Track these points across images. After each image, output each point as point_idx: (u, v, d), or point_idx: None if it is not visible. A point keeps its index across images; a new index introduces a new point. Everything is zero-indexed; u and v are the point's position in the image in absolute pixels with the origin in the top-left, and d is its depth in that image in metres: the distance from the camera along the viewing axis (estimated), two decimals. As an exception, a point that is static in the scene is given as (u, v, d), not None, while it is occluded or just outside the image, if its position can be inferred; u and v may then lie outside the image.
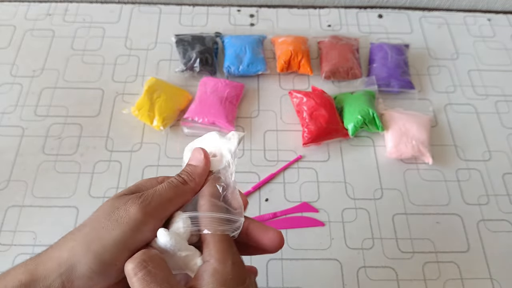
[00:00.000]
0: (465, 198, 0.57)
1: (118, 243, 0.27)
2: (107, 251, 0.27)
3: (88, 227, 0.29)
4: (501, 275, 0.51)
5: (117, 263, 0.28)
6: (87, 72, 0.67)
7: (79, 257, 0.27)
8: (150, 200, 0.29)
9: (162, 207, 0.30)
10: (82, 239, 0.28)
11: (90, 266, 0.27)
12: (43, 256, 0.28)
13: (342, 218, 0.55)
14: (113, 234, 0.28)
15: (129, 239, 0.28)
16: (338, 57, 0.66)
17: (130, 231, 0.28)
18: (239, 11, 0.75)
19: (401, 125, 0.60)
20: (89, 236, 0.28)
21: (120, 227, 0.28)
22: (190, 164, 0.33)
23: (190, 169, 0.33)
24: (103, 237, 0.28)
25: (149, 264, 0.27)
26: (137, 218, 0.28)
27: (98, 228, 0.28)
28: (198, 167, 0.33)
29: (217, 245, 0.29)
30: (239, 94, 0.63)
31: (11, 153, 0.58)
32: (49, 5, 0.74)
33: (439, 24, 0.75)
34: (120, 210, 0.29)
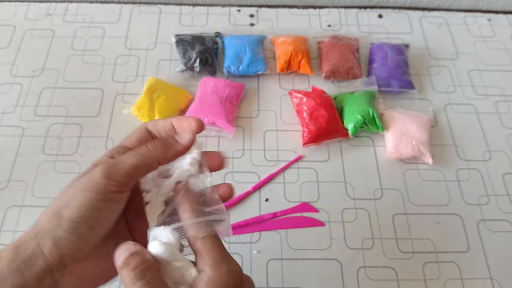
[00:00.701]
0: (465, 198, 0.57)
1: (85, 204, 0.28)
2: (75, 211, 0.28)
3: (58, 198, 0.30)
4: (501, 275, 0.51)
5: (87, 221, 0.28)
6: (87, 72, 0.67)
7: (52, 223, 0.28)
8: (112, 165, 0.30)
9: (126, 174, 0.30)
10: (54, 207, 0.29)
11: (63, 227, 0.28)
12: (23, 235, 0.29)
13: (342, 218, 0.55)
14: (79, 197, 0.29)
15: (95, 200, 0.29)
16: (338, 57, 0.66)
17: (95, 194, 0.29)
18: (239, 11, 0.75)
19: (401, 125, 0.60)
20: (58, 204, 0.29)
21: (86, 190, 0.29)
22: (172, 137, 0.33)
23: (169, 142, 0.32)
24: (71, 201, 0.29)
25: (147, 274, 0.27)
26: (100, 182, 0.29)
27: (67, 194, 0.29)
28: (179, 145, 0.33)
29: (210, 252, 0.29)
30: (239, 94, 0.63)
31: (11, 153, 0.58)
32: (49, 5, 0.74)
33: (439, 24, 0.75)
34: (82, 177, 0.30)
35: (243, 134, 0.61)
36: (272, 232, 0.54)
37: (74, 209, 0.28)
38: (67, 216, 0.28)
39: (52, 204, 0.30)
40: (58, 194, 0.30)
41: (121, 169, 0.30)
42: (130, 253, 0.28)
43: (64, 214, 0.28)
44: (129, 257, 0.28)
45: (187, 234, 0.30)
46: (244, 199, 0.56)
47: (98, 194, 0.29)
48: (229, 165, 0.58)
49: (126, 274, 0.27)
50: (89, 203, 0.29)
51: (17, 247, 0.28)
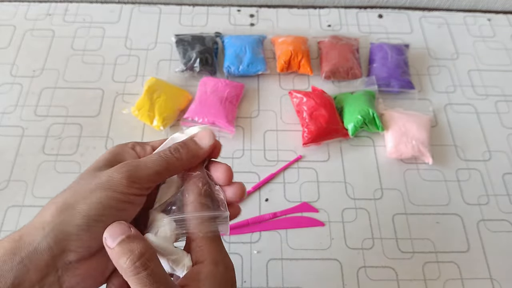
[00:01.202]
0: (465, 198, 0.57)
1: (103, 201, 0.27)
2: (93, 208, 0.27)
3: (69, 192, 0.28)
4: (501, 275, 0.51)
5: (103, 219, 0.27)
6: (87, 72, 0.67)
7: (64, 216, 0.27)
8: (136, 168, 0.29)
9: (148, 179, 0.29)
10: (65, 200, 0.27)
11: (75, 223, 0.26)
12: (26, 226, 0.27)
13: (342, 218, 0.55)
14: (97, 194, 0.27)
15: (114, 199, 0.28)
16: (338, 57, 0.66)
17: (114, 192, 0.28)
18: (239, 11, 0.75)
19: (401, 125, 0.60)
20: (71, 197, 0.28)
21: (104, 189, 0.28)
22: (194, 142, 0.32)
23: (192, 148, 0.32)
24: (87, 197, 0.27)
25: (151, 263, 0.26)
26: (121, 183, 0.28)
27: (80, 191, 0.28)
28: (201, 150, 0.32)
29: (210, 246, 0.29)
30: (239, 94, 0.63)
31: (11, 153, 0.58)
32: (49, 5, 0.74)
33: (439, 24, 0.75)
34: (103, 175, 0.28)
35: (243, 134, 0.61)
36: (272, 232, 0.54)
37: (92, 206, 0.27)
38: (82, 212, 0.27)
39: (60, 196, 0.28)
40: (69, 186, 0.29)
41: (145, 173, 0.29)
42: (127, 236, 0.26)
43: (78, 209, 0.27)
44: (128, 242, 0.26)
45: (189, 228, 0.30)
46: (244, 199, 0.56)
47: (120, 195, 0.28)
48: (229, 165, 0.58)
49: (128, 263, 0.25)
50: (108, 201, 0.27)
51: (21, 238, 0.26)
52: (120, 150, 0.32)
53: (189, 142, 0.32)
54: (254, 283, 0.50)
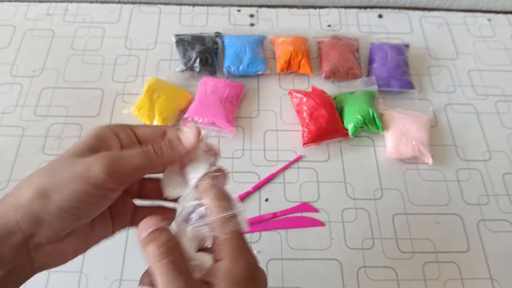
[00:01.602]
0: (465, 198, 0.57)
1: (77, 195, 0.27)
2: (65, 199, 0.27)
3: (45, 177, 0.28)
4: (501, 275, 0.51)
5: (75, 211, 0.28)
6: (87, 72, 0.67)
7: (38, 203, 0.27)
8: (117, 162, 0.29)
9: (128, 172, 0.29)
10: (40, 185, 0.27)
11: (49, 211, 0.27)
12: (3, 201, 0.28)
13: (342, 218, 0.55)
14: (72, 186, 0.27)
15: (89, 193, 0.28)
16: (338, 57, 0.66)
17: (91, 187, 0.27)
18: (239, 11, 0.75)
19: (401, 125, 0.60)
20: (47, 184, 0.27)
21: (81, 181, 0.27)
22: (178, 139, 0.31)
23: (174, 145, 0.31)
24: (62, 187, 0.27)
25: (174, 252, 0.27)
26: (99, 177, 0.28)
27: (57, 178, 0.28)
28: (183, 147, 0.31)
29: (229, 243, 0.29)
30: (239, 94, 0.63)
31: (11, 153, 0.58)
32: (49, 5, 0.74)
33: (439, 24, 0.75)
34: (81, 164, 0.28)
35: (243, 134, 0.61)
36: (272, 232, 0.54)
37: (64, 197, 0.27)
38: (56, 202, 0.27)
39: (37, 177, 0.28)
40: (46, 167, 0.29)
41: (125, 167, 0.29)
42: (156, 228, 0.27)
43: (52, 198, 0.27)
44: (156, 232, 0.27)
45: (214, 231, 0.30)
46: (244, 199, 0.56)
47: (94, 189, 0.28)
48: (229, 165, 0.58)
49: (153, 249, 0.26)
50: (82, 195, 0.27)
51: None
52: (104, 135, 0.31)
53: (174, 141, 0.31)
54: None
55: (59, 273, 0.50)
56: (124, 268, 0.50)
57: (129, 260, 0.51)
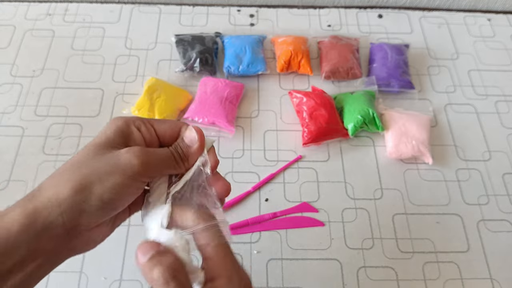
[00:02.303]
0: (465, 198, 0.57)
1: (117, 187, 0.29)
2: (107, 192, 0.29)
3: (84, 168, 0.30)
4: (501, 275, 0.51)
5: (114, 202, 0.30)
6: (87, 72, 0.67)
7: (81, 197, 0.28)
8: (151, 159, 0.31)
9: (158, 170, 0.32)
10: (82, 179, 0.29)
11: (91, 204, 0.29)
12: (39, 197, 0.29)
13: (342, 218, 0.55)
14: (113, 179, 0.29)
15: (126, 186, 0.30)
16: (338, 57, 0.66)
17: (129, 179, 0.30)
18: (239, 11, 0.75)
19: (401, 125, 0.60)
20: (88, 178, 0.29)
21: (120, 174, 0.29)
22: (185, 143, 0.34)
23: (186, 148, 0.33)
24: (103, 180, 0.29)
25: (179, 274, 0.27)
26: (137, 170, 0.30)
27: (97, 171, 0.29)
28: (193, 148, 0.34)
29: (222, 261, 0.30)
30: (239, 94, 0.63)
31: (11, 153, 0.58)
32: (49, 5, 0.74)
33: (439, 24, 0.75)
34: (120, 157, 0.30)
35: (243, 134, 0.61)
36: (272, 232, 0.54)
37: (106, 189, 0.29)
38: (97, 195, 0.29)
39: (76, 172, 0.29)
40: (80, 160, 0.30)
41: (156, 164, 0.31)
42: (157, 251, 0.28)
43: (94, 191, 0.29)
44: (158, 256, 0.28)
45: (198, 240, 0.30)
46: (244, 199, 0.56)
47: (132, 181, 0.30)
48: (229, 165, 0.58)
49: (158, 274, 0.27)
50: (122, 188, 0.29)
51: (36, 212, 0.28)
52: (127, 130, 0.33)
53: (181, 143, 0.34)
54: (254, 283, 0.50)
55: (59, 273, 0.49)
56: (124, 268, 0.50)
57: (129, 260, 0.51)
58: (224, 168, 0.58)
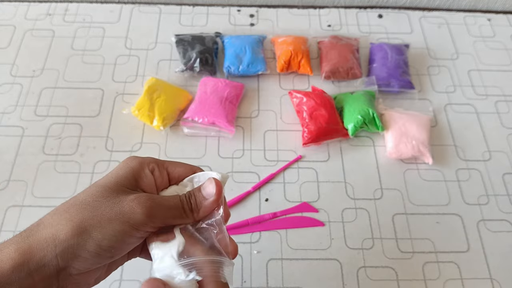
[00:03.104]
0: (465, 198, 0.57)
1: (118, 235, 0.29)
2: (106, 239, 0.28)
3: (87, 210, 0.29)
4: (501, 275, 0.51)
5: (112, 250, 0.29)
6: (87, 72, 0.67)
7: (79, 240, 0.28)
8: (157, 209, 0.30)
9: (164, 219, 0.31)
10: (82, 223, 0.28)
11: (88, 249, 0.28)
12: (36, 234, 0.28)
13: (342, 218, 0.55)
14: (114, 226, 0.28)
15: (128, 234, 0.29)
16: (338, 57, 0.66)
17: (131, 228, 0.29)
18: (239, 11, 0.75)
19: (401, 125, 0.60)
20: (89, 222, 0.28)
21: (122, 222, 0.29)
22: (202, 196, 0.33)
23: (200, 200, 0.32)
24: (104, 226, 0.28)
25: None
26: (141, 220, 0.29)
27: (99, 215, 0.29)
28: (208, 201, 0.32)
29: None
30: (239, 94, 0.63)
31: (11, 153, 0.58)
32: (49, 5, 0.74)
33: (439, 24, 0.75)
34: (124, 204, 0.29)
35: (243, 134, 0.61)
36: (272, 232, 0.54)
37: (106, 236, 0.28)
38: (96, 240, 0.28)
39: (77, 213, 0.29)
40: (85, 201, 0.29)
41: (162, 214, 0.30)
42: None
43: (93, 236, 0.28)
44: None
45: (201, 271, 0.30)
46: (244, 199, 0.56)
47: (134, 231, 0.29)
48: (229, 165, 0.58)
49: None
50: (122, 235, 0.29)
51: (31, 252, 0.27)
52: (141, 172, 0.32)
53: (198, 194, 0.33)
54: (254, 283, 0.50)
55: (59, 273, 0.49)
56: (124, 268, 0.50)
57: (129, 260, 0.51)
58: (224, 168, 0.58)
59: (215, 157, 0.59)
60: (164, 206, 0.31)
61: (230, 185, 0.56)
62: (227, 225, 0.53)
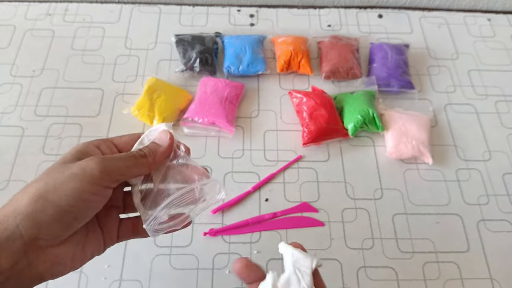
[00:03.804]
0: (465, 198, 0.57)
1: (74, 193, 0.29)
2: (63, 199, 0.28)
3: (41, 182, 0.29)
4: (501, 275, 0.51)
5: (73, 211, 0.29)
6: (87, 72, 0.67)
7: (36, 205, 0.28)
8: (108, 162, 0.31)
9: (119, 170, 0.31)
10: (37, 190, 0.28)
11: (47, 213, 0.28)
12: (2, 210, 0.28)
13: (342, 218, 0.55)
14: (69, 185, 0.29)
15: (85, 191, 0.29)
16: (338, 57, 0.66)
17: (88, 184, 0.29)
18: (239, 11, 0.75)
19: (401, 125, 0.60)
20: (43, 188, 0.29)
21: (76, 181, 0.29)
22: (154, 142, 0.35)
23: (153, 147, 0.34)
24: (59, 188, 0.29)
25: None
26: (95, 174, 0.29)
27: (52, 181, 0.29)
28: (161, 146, 0.35)
29: None
30: (239, 94, 0.63)
31: (11, 153, 0.58)
32: (49, 5, 0.74)
33: (439, 24, 0.75)
34: (76, 166, 0.30)
35: (243, 134, 0.61)
36: (272, 232, 0.54)
37: (62, 197, 0.28)
38: (53, 202, 0.28)
39: (32, 186, 0.29)
40: (40, 176, 0.30)
41: (117, 167, 0.31)
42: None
43: (50, 199, 0.28)
44: None
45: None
46: (244, 199, 0.56)
47: (91, 186, 0.29)
48: (229, 165, 0.58)
49: None
50: (79, 193, 0.29)
51: None
52: (86, 148, 0.33)
53: (150, 145, 0.35)
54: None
55: (59, 273, 0.49)
56: (124, 268, 0.50)
57: (129, 260, 0.51)
58: (224, 168, 0.58)
59: (215, 157, 0.59)
60: (116, 158, 0.32)
61: (230, 185, 0.56)
62: (229, 225, 0.53)
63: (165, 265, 0.51)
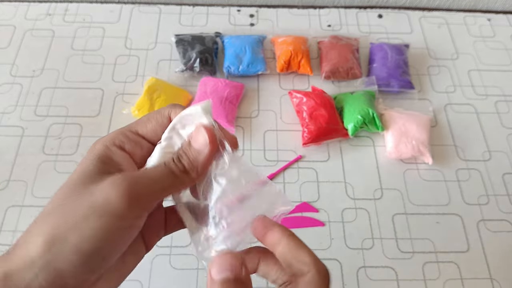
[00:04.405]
0: (465, 198, 0.57)
1: (98, 233, 0.23)
2: (86, 241, 0.23)
3: (56, 217, 0.24)
4: (501, 275, 0.51)
5: (99, 252, 0.24)
6: (87, 72, 0.67)
7: (55, 251, 0.23)
8: (138, 187, 0.24)
9: (153, 195, 0.25)
10: (52, 230, 0.23)
11: (69, 259, 0.23)
12: (14, 255, 0.23)
13: (342, 218, 0.55)
14: (91, 224, 0.23)
15: (111, 228, 0.23)
16: (338, 57, 0.66)
17: (112, 219, 0.23)
18: (239, 11, 0.75)
19: (401, 125, 0.60)
20: (61, 227, 0.23)
21: (99, 215, 0.23)
22: (194, 148, 0.27)
23: (192, 155, 0.26)
24: (79, 226, 0.23)
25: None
26: (120, 206, 0.23)
27: (71, 216, 0.23)
28: (202, 153, 0.26)
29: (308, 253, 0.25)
30: (239, 94, 0.63)
31: (11, 153, 0.58)
32: (49, 5, 0.74)
33: (439, 24, 0.75)
34: (97, 194, 0.24)
35: (243, 134, 0.61)
36: (272, 232, 0.54)
37: (84, 238, 0.23)
38: (74, 245, 0.23)
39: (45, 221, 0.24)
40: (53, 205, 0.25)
41: (148, 190, 0.25)
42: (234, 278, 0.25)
43: (70, 242, 0.23)
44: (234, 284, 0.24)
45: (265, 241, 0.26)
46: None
47: (118, 221, 0.23)
48: (229, 165, 0.58)
49: None
50: (104, 232, 0.23)
51: (7, 276, 0.22)
52: (109, 153, 0.26)
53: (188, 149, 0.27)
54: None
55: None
56: (124, 268, 0.50)
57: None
58: (224, 168, 0.58)
59: (215, 157, 0.59)
60: (146, 180, 0.25)
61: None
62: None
63: (165, 265, 0.51)
